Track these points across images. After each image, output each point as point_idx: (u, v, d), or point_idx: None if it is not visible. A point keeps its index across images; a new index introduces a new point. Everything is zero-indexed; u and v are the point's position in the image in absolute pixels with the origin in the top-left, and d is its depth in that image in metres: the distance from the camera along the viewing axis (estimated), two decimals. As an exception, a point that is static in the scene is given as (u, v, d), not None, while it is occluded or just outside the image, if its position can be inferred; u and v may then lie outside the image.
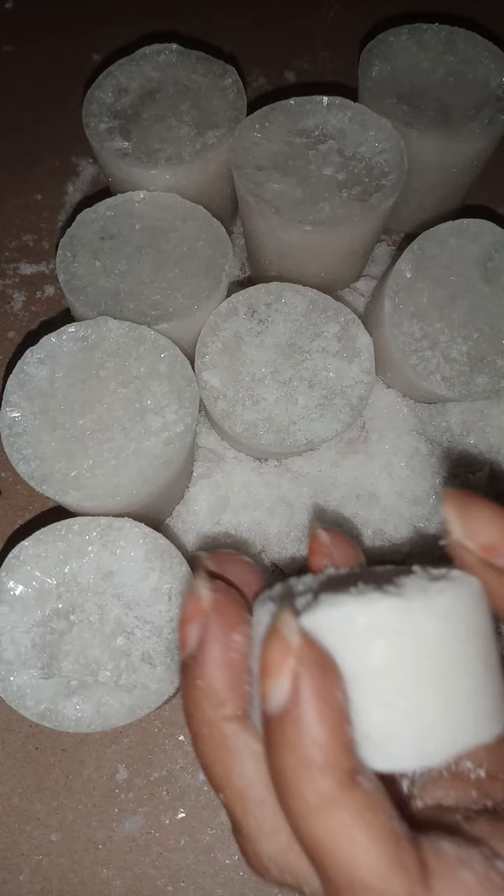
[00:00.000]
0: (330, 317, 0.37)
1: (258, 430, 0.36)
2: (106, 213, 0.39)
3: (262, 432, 0.35)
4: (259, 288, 0.38)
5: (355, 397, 0.36)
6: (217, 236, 0.38)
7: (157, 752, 0.38)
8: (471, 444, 0.42)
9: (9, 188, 0.51)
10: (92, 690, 0.31)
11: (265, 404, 0.36)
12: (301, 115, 0.40)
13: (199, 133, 0.40)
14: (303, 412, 0.36)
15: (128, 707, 0.31)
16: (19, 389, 0.34)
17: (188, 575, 0.32)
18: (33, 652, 0.31)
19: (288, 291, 0.38)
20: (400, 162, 0.39)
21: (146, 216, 0.39)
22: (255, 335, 0.37)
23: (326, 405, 0.36)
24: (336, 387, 0.36)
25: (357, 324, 0.37)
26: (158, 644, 0.31)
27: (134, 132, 0.41)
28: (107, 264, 0.38)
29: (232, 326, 0.37)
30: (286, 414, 0.36)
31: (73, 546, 0.32)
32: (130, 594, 0.32)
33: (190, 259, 0.38)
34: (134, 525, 0.32)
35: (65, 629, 0.32)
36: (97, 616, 0.32)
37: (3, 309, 0.47)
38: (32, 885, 0.36)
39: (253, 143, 0.39)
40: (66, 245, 0.38)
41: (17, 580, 0.31)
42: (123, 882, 0.36)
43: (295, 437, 0.35)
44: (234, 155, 0.39)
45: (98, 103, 0.41)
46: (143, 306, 0.37)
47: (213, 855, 0.37)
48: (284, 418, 0.36)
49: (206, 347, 0.37)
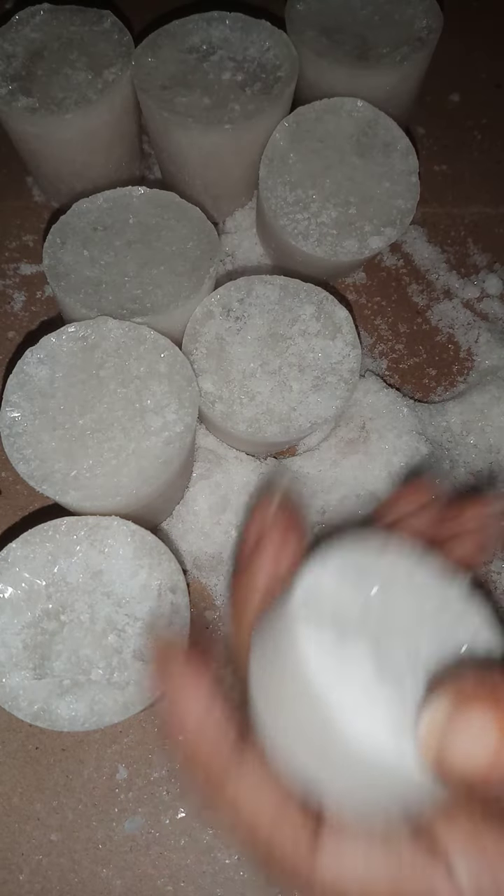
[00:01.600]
0: (303, 299, 0.38)
1: (261, 425, 0.36)
2: (102, 205, 0.39)
3: (265, 425, 0.36)
4: (228, 286, 0.38)
5: (346, 371, 0.36)
6: (209, 239, 0.38)
7: (157, 752, 0.38)
8: (471, 444, 0.42)
9: (9, 188, 0.51)
10: (85, 689, 0.31)
11: (262, 398, 0.36)
12: (186, 35, 0.42)
13: (96, 74, 0.41)
14: (299, 397, 0.36)
15: (121, 704, 0.31)
16: (19, 389, 0.34)
17: (177, 571, 0.32)
18: (25, 653, 0.31)
19: (257, 284, 0.38)
20: (289, 53, 0.41)
21: (141, 211, 0.39)
22: (235, 333, 0.37)
23: (321, 385, 0.36)
24: (325, 365, 0.37)
25: (331, 300, 0.38)
26: (149, 640, 0.31)
27: (35, 89, 0.41)
28: (94, 254, 0.38)
29: (211, 330, 0.37)
30: (284, 402, 0.36)
31: (61, 546, 0.32)
32: (120, 592, 0.32)
33: (177, 258, 0.38)
34: (122, 523, 0.32)
35: (56, 629, 0.32)
36: (88, 615, 0.32)
37: (3, 309, 0.47)
38: (32, 885, 0.36)
39: (150, 68, 0.41)
40: (57, 231, 0.38)
41: (6, 582, 0.32)
42: (123, 882, 0.36)
43: (298, 423, 0.36)
44: (137, 81, 0.41)
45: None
46: (122, 299, 0.37)
47: (213, 855, 0.37)
48: (283, 407, 0.36)
49: (191, 356, 0.37)
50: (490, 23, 0.56)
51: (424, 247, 0.49)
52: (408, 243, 0.49)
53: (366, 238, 0.39)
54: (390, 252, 0.49)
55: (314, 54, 0.42)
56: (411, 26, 0.43)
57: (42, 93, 0.41)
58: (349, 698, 0.17)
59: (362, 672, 0.17)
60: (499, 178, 0.51)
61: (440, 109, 0.53)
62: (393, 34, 0.43)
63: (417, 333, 0.47)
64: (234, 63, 0.42)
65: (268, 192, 0.39)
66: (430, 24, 0.43)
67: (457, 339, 0.46)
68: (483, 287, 0.47)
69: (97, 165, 0.45)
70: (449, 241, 0.49)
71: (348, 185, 0.40)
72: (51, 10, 0.43)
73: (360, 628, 0.18)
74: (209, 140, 0.40)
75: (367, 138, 0.40)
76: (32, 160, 0.46)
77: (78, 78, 0.41)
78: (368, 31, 0.43)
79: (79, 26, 0.43)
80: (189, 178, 0.44)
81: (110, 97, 0.41)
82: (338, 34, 0.43)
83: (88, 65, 0.42)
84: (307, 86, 0.43)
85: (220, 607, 0.40)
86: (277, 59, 0.41)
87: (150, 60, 0.41)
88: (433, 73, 0.46)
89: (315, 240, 0.39)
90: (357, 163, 0.40)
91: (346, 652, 0.17)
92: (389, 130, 0.40)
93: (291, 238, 0.39)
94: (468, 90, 0.54)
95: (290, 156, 0.40)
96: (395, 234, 0.39)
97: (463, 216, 0.50)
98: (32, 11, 0.43)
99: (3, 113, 0.41)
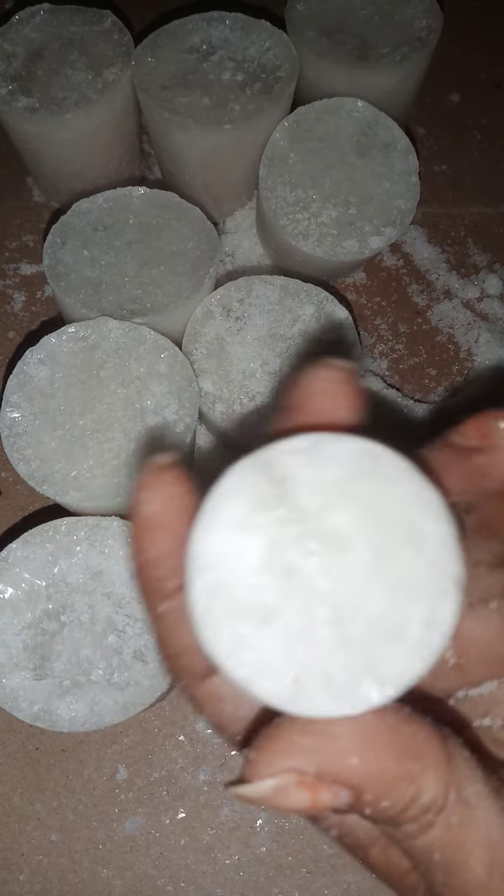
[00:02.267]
0: (303, 299, 0.38)
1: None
2: (103, 205, 0.39)
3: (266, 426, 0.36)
4: (228, 287, 0.38)
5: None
6: (209, 239, 0.38)
7: (157, 752, 0.38)
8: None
9: (9, 188, 0.51)
10: (85, 690, 0.31)
11: (262, 398, 0.36)
12: (186, 35, 0.42)
13: (96, 74, 0.41)
14: None
15: (121, 705, 0.31)
16: (19, 390, 0.34)
17: None
18: (25, 654, 0.31)
19: (257, 284, 0.38)
20: (289, 53, 0.41)
21: (141, 212, 0.39)
22: (235, 333, 0.37)
23: None
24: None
25: (331, 300, 0.38)
26: (150, 641, 0.31)
27: (35, 90, 0.41)
28: (94, 255, 0.38)
29: (211, 330, 0.37)
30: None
31: (61, 547, 0.32)
32: (120, 592, 0.32)
33: (178, 258, 0.38)
34: (122, 523, 0.32)
35: (56, 630, 0.32)
36: (88, 615, 0.32)
37: (3, 309, 0.47)
38: (32, 885, 0.36)
39: (150, 68, 0.41)
40: (58, 231, 0.38)
41: (6, 583, 0.32)
42: (123, 882, 0.36)
43: None
44: (137, 81, 0.41)
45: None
46: (122, 299, 0.37)
47: (213, 855, 0.37)
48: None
49: (190, 356, 0.37)
50: (490, 23, 0.56)
51: (424, 247, 0.49)
52: (408, 243, 0.49)
53: (366, 238, 0.39)
54: (390, 252, 0.49)
55: (314, 54, 0.42)
56: (411, 26, 0.43)
57: (42, 93, 0.41)
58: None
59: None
60: (499, 178, 0.51)
61: (440, 109, 0.53)
62: (393, 34, 0.43)
63: (417, 333, 0.47)
64: (234, 63, 0.42)
65: (268, 192, 0.39)
66: (430, 24, 0.43)
67: (457, 339, 0.46)
68: (483, 287, 0.47)
69: (97, 165, 0.45)
70: (449, 241, 0.49)
71: (348, 185, 0.40)
72: (51, 10, 0.43)
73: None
74: (209, 140, 0.40)
75: (367, 138, 0.40)
76: (32, 160, 0.46)
77: (78, 78, 0.41)
78: (368, 31, 0.44)
79: (79, 26, 0.43)
80: (189, 178, 0.44)
81: (110, 97, 0.41)
82: (338, 34, 0.43)
83: (88, 65, 0.42)
84: (307, 86, 0.43)
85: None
86: (277, 59, 0.41)
87: (150, 60, 0.41)
88: (433, 73, 0.46)
89: (315, 240, 0.39)
90: (357, 163, 0.40)
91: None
92: (389, 130, 0.40)
93: (291, 238, 0.39)
94: (468, 90, 0.54)
95: (290, 156, 0.40)
96: (395, 234, 0.39)
97: (463, 216, 0.50)
98: (32, 11, 0.44)
99: (3, 113, 0.41)
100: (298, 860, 0.37)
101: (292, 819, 0.37)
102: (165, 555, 0.17)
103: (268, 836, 0.37)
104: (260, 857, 0.37)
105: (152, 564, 0.17)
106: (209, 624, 0.15)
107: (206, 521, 0.15)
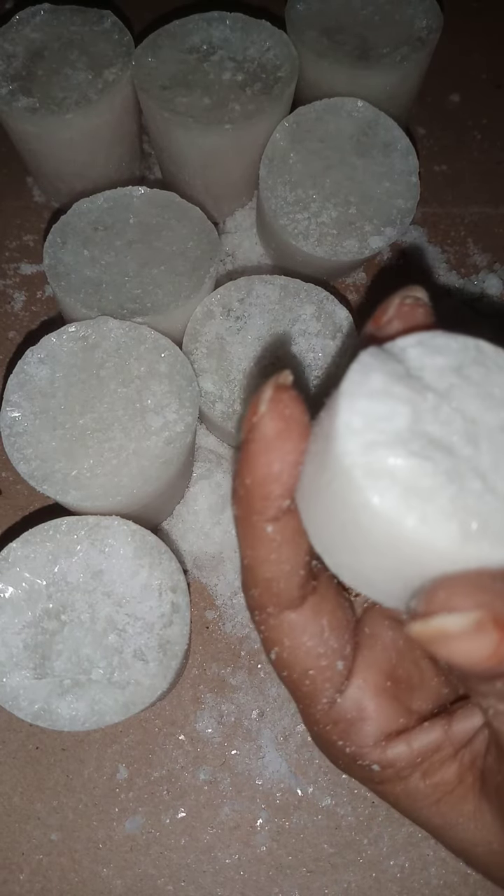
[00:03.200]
0: (304, 299, 0.38)
1: None
2: (103, 205, 0.39)
3: None
4: (228, 286, 0.38)
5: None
6: (209, 239, 0.38)
7: (158, 752, 0.38)
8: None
9: (9, 188, 0.51)
10: (85, 689, 0.31)
11: None
12: (186, 35, 0.42)
13: (97, 74, 0.41)
14: None
15: (122, 704, 0.31)
16: (19, 389, 0.34)
17: (177, 571, 0.32)
18: (25, 653, 0.31)
19: (257, 284, 0.38)
20: (289, 53, 0.41)
21: (142, 211, 0.39)
22: (235, 333, 0.37)
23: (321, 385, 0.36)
24: (326, 365, 0.36)
25: (331, 300, 0.38)
26: (150, 640, 0.31)
27: (35, 89, 0.42)
28: (95, 254, 0.38)
29: (211, 329, 0.37)
30: None
31: (61, 546, 0.32)
32: (120, 591, 0.32)
33: (178, 258, 0.38)
34: (122, 523, 0.32)
35: (56, 629, 0.32)
36: (88, 614, 0.32)
37: (3, 309, 0.47)
38: (32, 884, 0.36)
39: (150, 68, 0.41)
40: (58, 231, 0.38)
41: (7, 582, 0.32)
42: (123, 882, 0.36)
43: None
44: (138, 81, 0.41)
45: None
46: (122, 299, 0.37)
47: (213, 854, 0.37)
48: None
49: (191, 356, 0.37)
50: (490, 23, 0.56)
51: (424, 247, 0.49)
52: (408, 243, 0.49)
53: (366, 238, 0.39)
54: (390, 252, 0.49)
55: (314, 54, 0.42)
56: (411, 26, 0.43)
57: (42, 93, 0.41)
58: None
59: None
60: (499, 178, 0.51)
61: (440, 109, 0.53)
62: (393, 34, 0.43)
63: (417, 333, 0.47)
64: (235, 63, 0.42)
65: (268, 191, 0.40)
66: (430, 24, 0.43)
67: (457, 339, 0.46)
68: (483, 287, 0.47)
69: (97, 165, 0.45)
70: (449, 241, 0.49)
71: (348, 185, 0.40)
72: (51, 10, 0.44)
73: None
74: (209, 140, 0.40)
75: (367, 138, 0.40)
76: (32, 160, 0.46)
77: (78, 78, 0.41)
78: (368, 31, 0.44)
79: (79, 26, 0.43)
80: (189, 178, 0.44)
81: (110, 97, 0.41)
82: (338, 34, 0.43)
83: (89, 65, 0.42)
84: (307, 86, 0.43)
85: (219, 607, 0.40)
86: (277, 59, 0.41)
87: (151, 60, 0.41)
88: (433, 73, 0.46)
89: (315, 240, 0.39)
90: (357, 163, 0.40)
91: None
92: (389, 130, 0.41)
93: (291, 238, 0.39)
94: (468, 90, 0.54)
95: (290, 156, 0.40)
96: (395, 234, 0.39)
97: (463, 216, 0.50)
98: (32, 11, 0.44)
99: (3, 113, 0.41)
100: (298, 859, 0.37)
101: (292, 819, 0.37)
102: (282, 474, 0.17)
103: (268, 836, 0.37)
104: (260, 856, 0.37)
105: (267, 482, 0.17)
106: (370, 482, 0.15)
107: (350, 389, 0.16)
